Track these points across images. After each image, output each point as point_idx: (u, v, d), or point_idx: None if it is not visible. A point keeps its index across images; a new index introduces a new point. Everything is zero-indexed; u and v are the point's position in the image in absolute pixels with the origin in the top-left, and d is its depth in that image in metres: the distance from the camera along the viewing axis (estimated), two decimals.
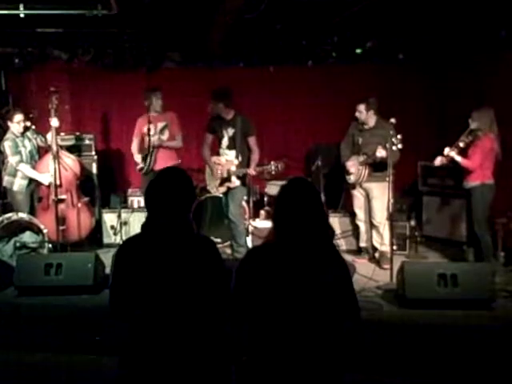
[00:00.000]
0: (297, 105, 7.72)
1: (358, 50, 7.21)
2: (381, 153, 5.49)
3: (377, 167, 5.70)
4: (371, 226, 5.93)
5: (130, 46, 7.10)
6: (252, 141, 5.73)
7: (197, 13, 5.85)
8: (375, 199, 5.76)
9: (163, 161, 6.05)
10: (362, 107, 5.76)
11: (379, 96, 5.94)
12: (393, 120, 5.45)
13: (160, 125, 6.31)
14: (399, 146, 5.31)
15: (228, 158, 5.79)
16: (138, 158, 6.34)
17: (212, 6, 5.37)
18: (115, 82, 7.69)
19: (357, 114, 5.82)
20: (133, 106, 7.47)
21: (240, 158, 5.72)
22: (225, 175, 5.79)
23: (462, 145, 5.28)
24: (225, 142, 5.78)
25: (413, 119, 6.73)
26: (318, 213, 2.33)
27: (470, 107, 5.43)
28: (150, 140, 6.16)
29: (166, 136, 6.30)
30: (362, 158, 5.78)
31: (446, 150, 5.34)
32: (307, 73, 7.61)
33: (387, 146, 5.35)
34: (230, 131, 5.72)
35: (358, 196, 6.01)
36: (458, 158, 5.30)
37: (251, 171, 5.64)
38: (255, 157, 5.72)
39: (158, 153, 6.24)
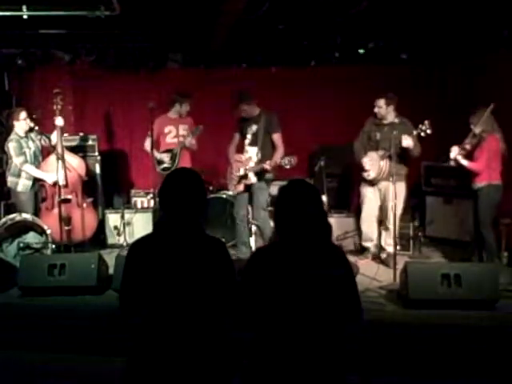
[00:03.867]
0: (299, 105, 7.71)
1: (361, 51, 7.20)
2: (407, 140, 5.38)
3: (396, 162, 5.50)
4: (379, 225, 5.89)
5: (132, 47, 7.10)
6: (276, 137, 5.67)
7: (199, 13, 5.85)
8: (391, 201, 5.50)
9: (186, 161, 6.35)
10: (381, 102, 5.66)
11: (382, 96, 5.90)
12: None
13: (182, 127, 6.43)
14: (428, 131, 5.26)
15: (248, 155, 5.75)
16: (162, 156, 6.38)
17: (214, 7, 5.37)
18: (118, 83, 7.71)
19: (376, 110, 5.71)
20: (136, 107, 7.50)
21: (259, 155, 5.65)
22: (242, 172, 5.76)
23: (468, 147, 5.24)
24: (248, 139, 5.76)
25: (415, 119, 6.69)
26: (318, 212, 2.34)
27: (473, 107, 5.41)
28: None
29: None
30: (381, 153, 5.66)
31: (453, 154, 5.29)
32: (310, 73, 7.61)
33: (414, 133, 5.29)
34: (254, 128, 5.71)
35: (368, 195, 5.88)
36: (465, 163, 5.26)
37: (267, 165, 5.54)
38: (278, 153, 5.61)
39: (183, 154, 6.38)
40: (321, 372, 2.24)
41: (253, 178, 5.69)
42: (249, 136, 5.76)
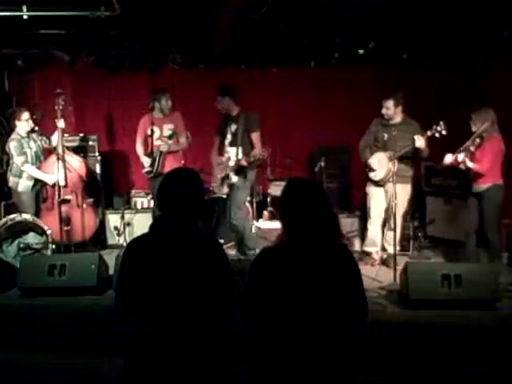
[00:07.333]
0: (299, 106, 7.71)
1: (361, 51, 7.20)
2: (420, 140, 5.37)
3: (403, 163, 5.53)
4: (383, 227, 5.88)
5: (132, 48, 7.11)
6: (255, 136, 5.58)
7: (199, 14, 5.85)
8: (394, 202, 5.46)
9: (170, 164, 5.98)
10: (390, 103, 5.62)
11: (381, 97, 5.90)
12: None
13: (166, 127, 6.13)
14: (444, 132, 5.25)
15: (228, 156, 5.73)
16: (145, 160, 6.13)
17: (214, 7, 5.38)
18: (118, 84, 7.72)
19: (383, 111, 5.66)
20: (136, 107, 7.50)
21: (240, 155, 5.62)
22: (223, 174, 5.76)
23: (472, 149, 5.22)
24: (228, 139, 5.72)
25: (415, 120, 6.72)
26: (325, 210, 2.34)
27: (473, 108, 5.40)
28: (152, 142, 6.07)
29: (173, 141, 6.14)
30: (389, 154, 5.63)
31: (460, 157, 5.24)
32: (310, 74, 7.61)
33: (428, 133, 5.30)
34: (233, 127, 5.66)
35: (376, 195, 5.84)
36: (471, 164, 5.21)
37: (242, 162, 5.52)
38: (254, 151, 5.54)
39: (166, 156, 6.09)
40: (330, 372, 2.23)
41: (233, 178, 5.66)
42: (228, 136, 5.71)
